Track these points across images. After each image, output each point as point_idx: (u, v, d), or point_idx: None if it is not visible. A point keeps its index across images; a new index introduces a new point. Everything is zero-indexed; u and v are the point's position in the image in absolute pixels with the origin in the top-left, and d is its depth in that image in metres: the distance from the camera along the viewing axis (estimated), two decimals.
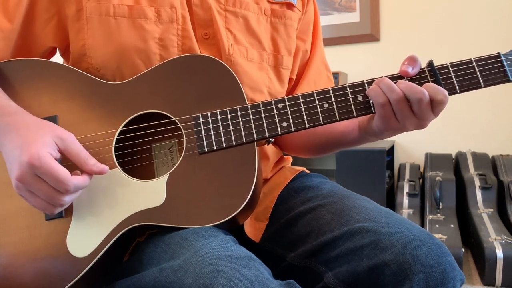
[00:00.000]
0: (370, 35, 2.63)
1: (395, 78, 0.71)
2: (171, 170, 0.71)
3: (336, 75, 2.35)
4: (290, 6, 0.89)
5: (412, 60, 0.72)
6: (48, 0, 0.78)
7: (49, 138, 0.65)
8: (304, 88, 0.95)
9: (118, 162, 0.72)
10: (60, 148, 0.66)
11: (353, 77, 2.60)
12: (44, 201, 0.65)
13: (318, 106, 0.73)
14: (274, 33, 0.87)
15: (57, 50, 0.86)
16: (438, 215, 2.12)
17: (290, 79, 0.94)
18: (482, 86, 0.71)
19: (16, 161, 0.63)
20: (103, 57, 0.77)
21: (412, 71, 0.71)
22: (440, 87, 0.69)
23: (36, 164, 0.62)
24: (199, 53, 0.79)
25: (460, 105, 2.38)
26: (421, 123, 0.71)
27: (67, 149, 0.66)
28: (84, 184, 0.66)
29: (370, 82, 0.72)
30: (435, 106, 0.69)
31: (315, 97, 0.73)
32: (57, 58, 0.84)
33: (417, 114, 0.69)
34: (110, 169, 0.72)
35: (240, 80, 0.74)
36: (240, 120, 0.72)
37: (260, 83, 0.85)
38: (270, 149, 0.91)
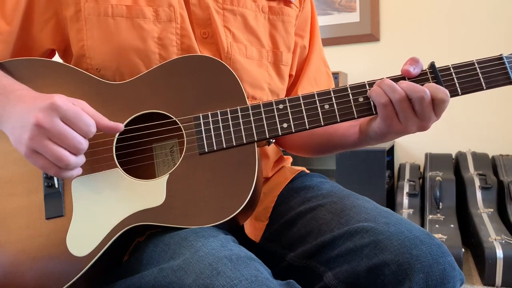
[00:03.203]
0: (370, 35, 2.63)
1: (396, 79, 0.71)
2: (171, 170, 0.71)
3: (336, 75, 2.35)
4: (287, 2, 0.89)
5: (413, 60, 0.72)
6: (45, 1, 0.78)
7: (65, 97, 0.65)
8: (305, 85, 0.95)
9: (118, 162, 0.73)
10: (76, 104, 0.65)
11: (353, 77, 2.60)
12: (62, 148, 0.62)
13: (318, 107, 0.73)
14: (273, 30, 0.88)
15: (56, 52, 0.86)
16: (438, 215, 2.12)
17: (290, 75, 0.94)
18: (484, 88, 0.71)
19: (35, 109, 0.62)
20: (103, 58, 0.77)
21: (414, 71, 0.71)
22: (441, 87, 0.69)
23: (63, 107, 0.61)
24: (199, 52, 0.79)
25: (460, 105, 2.37)
26: (423, 124, 0.71)
27: (83, 108, 0.66)
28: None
29: (371, 83, 0.72)
30: (436, 105, 0.69)
31: (316, 98, 0.73)
32: (56, 60, 0.84)
33: (419, 114, 0.69)
34: (110, 168, 0.72)
35: (240, 78, 0.74)
36: (240, 120, 0.72)
37: (260, 80, 0.85)
38: (270, 147, 0.91)
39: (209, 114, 0.73)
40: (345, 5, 2.68)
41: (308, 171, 0.98)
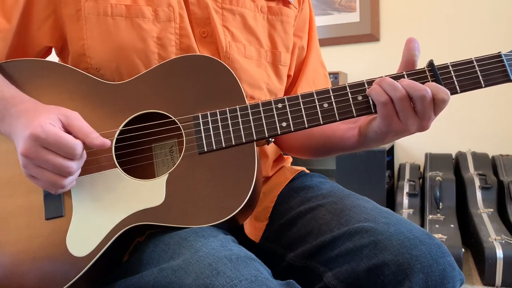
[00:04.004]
0: (370, 35, 2.63)
1: (396, 77, 0.71)
2: (171, 170, 0.71)
3: (336, 75, 2.34)
4: (286, 3, 0.89)
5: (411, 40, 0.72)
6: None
7: (53, 115, 0.66)
8: (303, 86, 0.95)
9: (118, 162, 0.72)
10: (64, 124, 0.66)
11: (353, 77, 2.60)
12: (53, 173, 0.64)
13: (317, 106, 0.72)
14: (271, 30, 0.88)
15: (53, 49, 0.86)
16: (438, 215, 2.12)
17: (288, 76, 0.94)
18: (483, 86, 0.71)
19: (20, 138, 0.64)
20: (102, 57, 0.77)
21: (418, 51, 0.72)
22: (442, 86, 0.69)
23: (41, 136, 0.62)
24: (198, 52, 0.79)
25: (460, 105, 2.38)
26: (423, 124, 0.70)
27: (71, 124, 0.66)
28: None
29: (370, 82, 0.72)
30: (436, 105, 0.69)
31: (315, 97, 0.73)
32: (53, 58, 0.84)
33: (419, 113, 0.69)
34: (110, 168, 0.72)
35: (238, 77, 0.74)
36: (239, 120, 0.72)
37: (259, 80, 0.85)
38: (269, 147, 0.91)
39: (208, 114, 0.73)
40: (345, 5, 2.68)
41: (308, 171, 0.98)
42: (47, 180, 0.65)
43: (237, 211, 0.68)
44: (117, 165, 0.72)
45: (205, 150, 0.72)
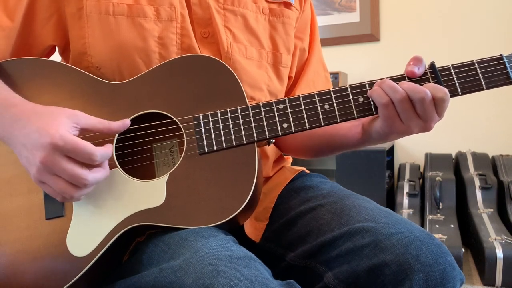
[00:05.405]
0: (370, 35, 2.63)
1: (396, 79, 0.71)
2: (171, 170, 0.71)
3: (336, 75, 2.35)
4: (288, 5, 0.89)
5: (417, 60, 0.72)
6: None
7: (64, 118, 0.65)
8: (304, 88, 0.95)
9: (118, 162, 0.73)
10: (78, 124, 0.66)
11: (353, 77, 2.60)
12: (67, 182, 0.64)
13: (318, 107, 0.73)
14: (273, 31, 0.88)
15: (56, 48, 0.86)
16: (438, 215, 2.12)
17: (289, 78, 0.94)
18: (484, 88, 0.71)
19: (36, 145, 0.63)
20: (103, 56, 0.77)
21: (418, 71, 0.71)
22: (440, 86, 0.69)
23: (60, 144, 0.62)
24: (199, 52, 0.79)
25: (460, 105, 2.37)
26: (426, 126, 0.71)
27: (86, 123, 0.67)
28: (108, 155, 0.67)
29: (371, 83, 0.72)
30: (437, 105, 0.69)
31: (316, 98, 0.73)
32: (56, 57, 0.84)
33: (421, 115, 0.69)
34: (110, 169, 0.72)
35: (239, 78, 0.74)
36: (240, 120, 0.72)
37: (259, 81, 0.85)
38: (269, 147, 0.91)
39: (209, 114, 0.73)
40: (345, 5, 2.68)
41: (308, 171, 0.98)
42: (59, 188, 0.64)
43: (237, 212, 0.68)
44: (118, 165, 0.72)
45: (206, 150, 0.72)
